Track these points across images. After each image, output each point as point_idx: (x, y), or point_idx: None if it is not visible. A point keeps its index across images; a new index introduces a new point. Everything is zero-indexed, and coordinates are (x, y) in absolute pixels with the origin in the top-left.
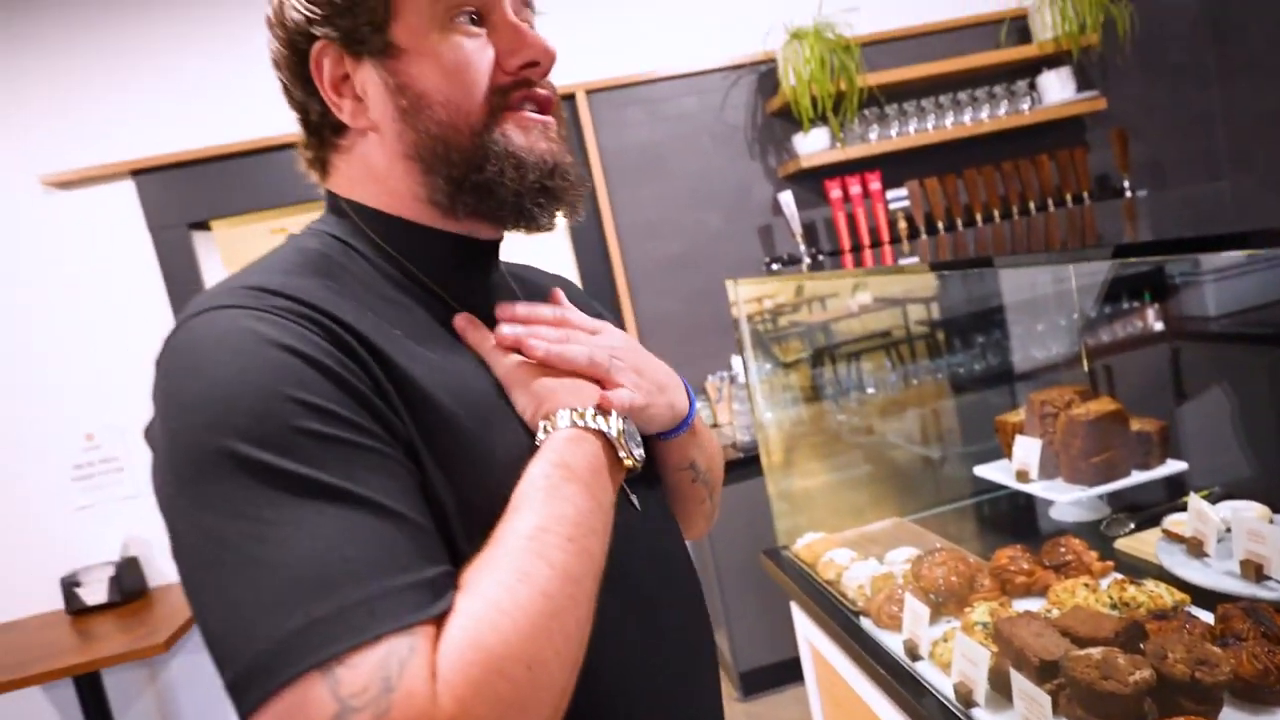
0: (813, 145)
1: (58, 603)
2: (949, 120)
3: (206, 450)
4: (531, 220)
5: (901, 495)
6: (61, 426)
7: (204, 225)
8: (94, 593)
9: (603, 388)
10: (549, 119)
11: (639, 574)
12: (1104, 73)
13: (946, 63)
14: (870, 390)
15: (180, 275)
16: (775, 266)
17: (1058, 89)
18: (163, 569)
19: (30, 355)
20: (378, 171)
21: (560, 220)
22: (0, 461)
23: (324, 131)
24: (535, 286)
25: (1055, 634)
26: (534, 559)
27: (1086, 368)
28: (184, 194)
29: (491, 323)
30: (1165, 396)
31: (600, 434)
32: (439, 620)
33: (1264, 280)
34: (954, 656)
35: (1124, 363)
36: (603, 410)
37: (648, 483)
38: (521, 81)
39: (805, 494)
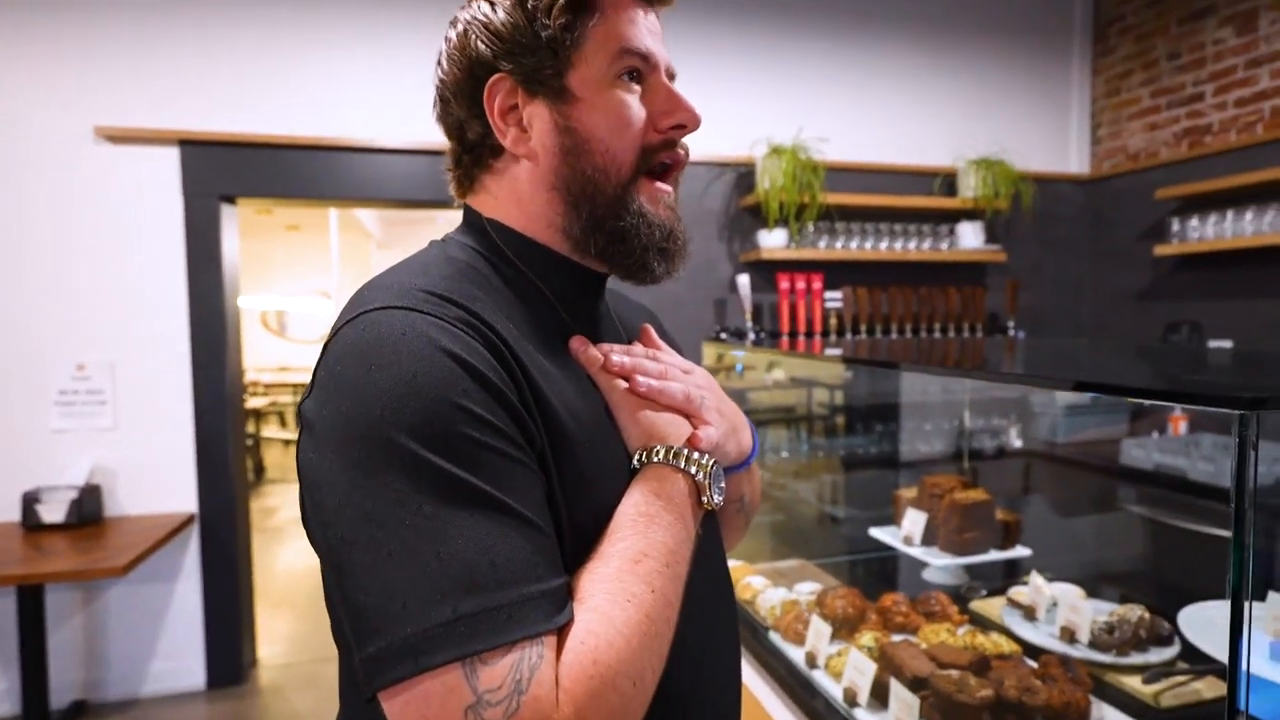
0: (773, 241)
1: (14, 515)
2: (884, 244)
3: (378, 439)
4: (648, 272)
5: (807, 542)
6: (57, 353)
7: (231, 199)
8: (53, 511)
9: (691, 424)
10: (669, 189)
11: (699, 592)
12: (1009, 232)
13: (890, 198)
14: (786, 454)
15: (202, 239)
16: (724, 336)
17: (971, 237)
18: (121, 501)
19: (43, 282)
20: (522, 195)
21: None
22: None
23: (479, 151)
24: (629, 314)
25: (926, 659)
26: (639, 583)
27: (966, 464)
28: (220, 169)
29: (600, 342)
30: (1017, 496)
31: (689, 475)
32: (561, 630)
33: (1098, 420)
34: (846, 667)
35: (992, 464)
36: (694, 448)
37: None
38: (667, 142)
39: None
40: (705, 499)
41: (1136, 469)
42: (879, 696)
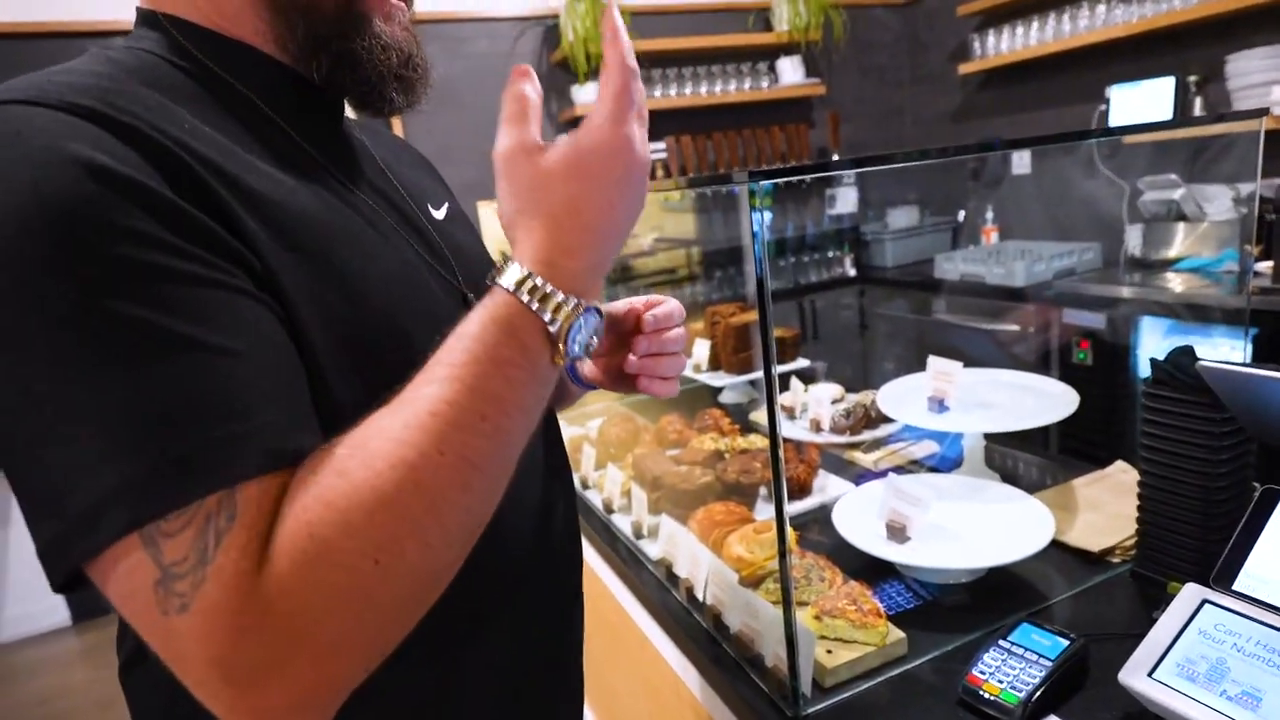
0: (588, 96)
1: None
2: (703, 88)
3: None
4: (385, 103)
5: None
6: None
7: None
8: None
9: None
10: (404, 6)
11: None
12: (829, 65)
13: (703, 39)
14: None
15: None
16: None
17: (791, 73)
18: None
19: None
20: None
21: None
22: None
23: None
24: (391, 152)
25: (668, 462)
26: (422, 443)
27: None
28: None
29: (345, 170)
30: (834, 324)
31: (538, 317)
32: (276, 472)
33: (927, 243)
34: (605, 482)
35: (829, 294)
36: (569, 289)
37: None
38: None
39: None
40: (556, 357)
41: (946, 280)
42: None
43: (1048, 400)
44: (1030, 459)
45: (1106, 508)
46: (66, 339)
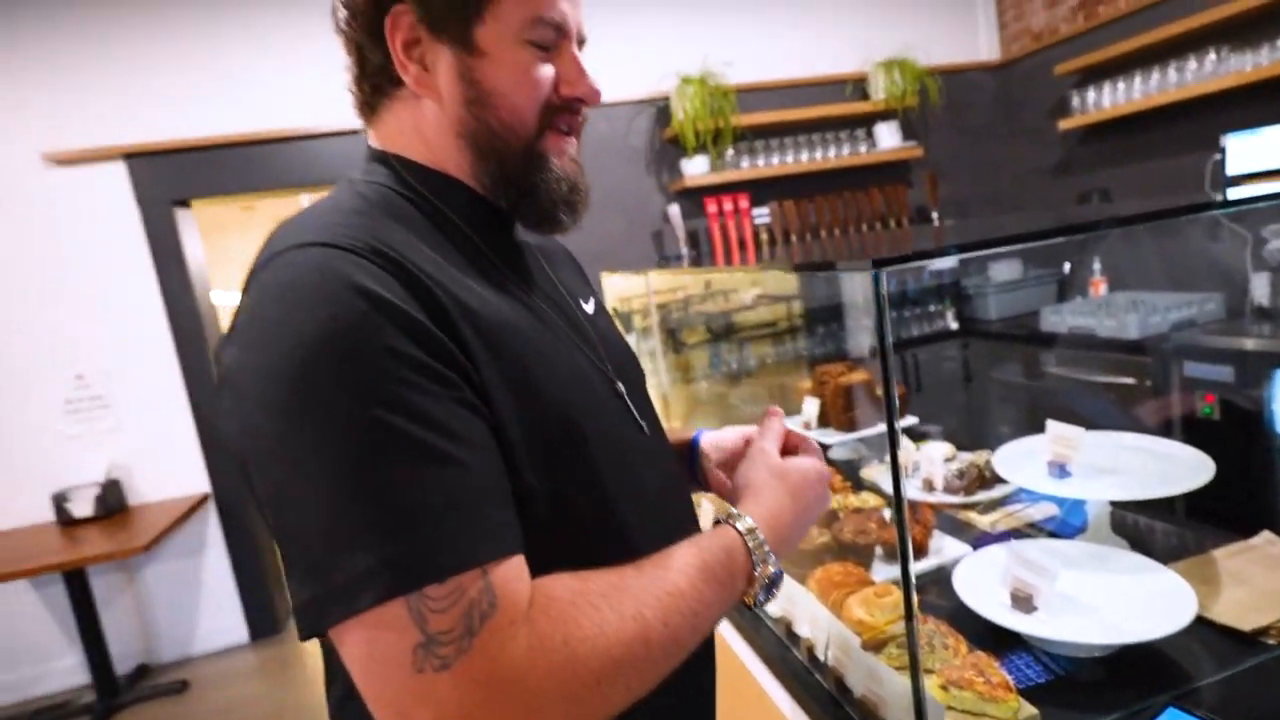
0: (696, 169)
1: (48, 515)
2: (804, 156)
3: (298, 388)
4: (556, 224)
5: None
6: (56, 369)
7: (185, 203)
8: (81, 507)
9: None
10: (573, 140)
11: (655, 489)
12: (925, 127)
13: (803, 110)
14: (724, 358)
15: (164, 244)
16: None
17: (888, 138)
18: (141, 491)
19: (30, 308)
20: (426, 134)
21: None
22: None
23: (379, 80)
24: (545, 246)
25: None
26: (657, 610)
27: (907, 355)
28: (169, 176)
29: (522, 277)
30: (937, 378)
31: (750, 559)
32: (506, 562)
33: (1029, 294)
34: None
35: (930, 348)
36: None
37: (654, 419)
38: (568, 107)
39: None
40: (746, 596)
41: (1053, 333)
42: None
43: (1178, 465)
44: (1159, 525)
45: (1254, 582)
46: (345, 439)
